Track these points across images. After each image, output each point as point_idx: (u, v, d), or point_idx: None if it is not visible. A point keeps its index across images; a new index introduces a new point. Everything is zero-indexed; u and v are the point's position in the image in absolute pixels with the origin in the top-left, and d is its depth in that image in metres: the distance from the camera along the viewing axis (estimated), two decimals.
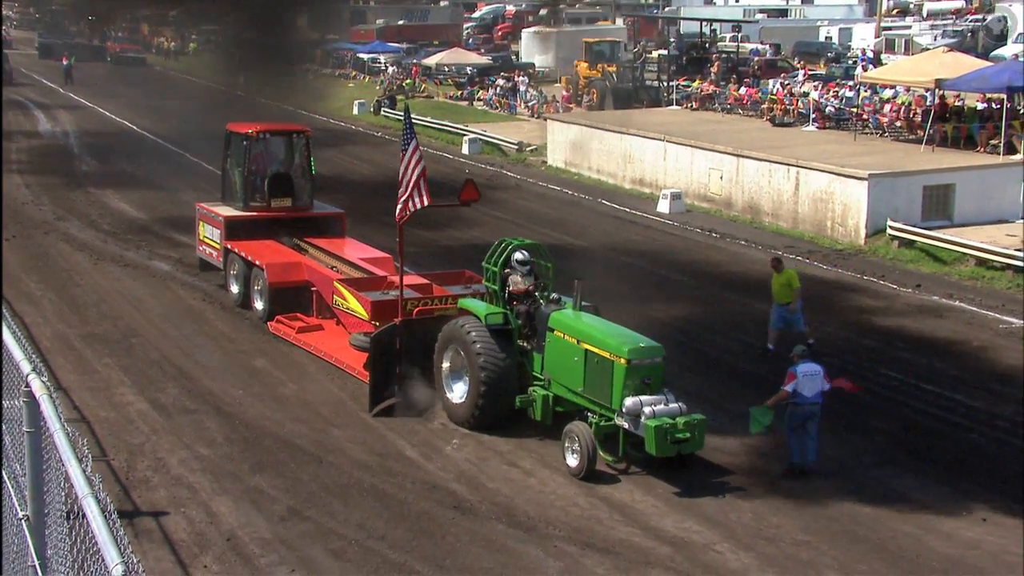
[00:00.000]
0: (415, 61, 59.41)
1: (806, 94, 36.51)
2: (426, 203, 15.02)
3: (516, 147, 38.63)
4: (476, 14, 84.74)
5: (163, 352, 17.66)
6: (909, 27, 62.54)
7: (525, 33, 65.09)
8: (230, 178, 21.50)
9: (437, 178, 32.12)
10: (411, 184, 15.04)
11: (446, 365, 14.94)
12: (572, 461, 13.31)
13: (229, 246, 20.16)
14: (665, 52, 49.30)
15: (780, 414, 13.68)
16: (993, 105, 29.82)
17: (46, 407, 5.97)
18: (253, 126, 21.46)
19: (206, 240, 21.26)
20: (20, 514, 6.37)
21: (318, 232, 20.71)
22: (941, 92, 30.30)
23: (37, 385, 6.13)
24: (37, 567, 6.02)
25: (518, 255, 14.84)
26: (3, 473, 7.15)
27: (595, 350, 13.47)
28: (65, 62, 60.07)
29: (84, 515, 5.10)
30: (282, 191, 21.11)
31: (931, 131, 29.04)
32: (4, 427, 7.35)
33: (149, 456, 13.73)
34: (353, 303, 16.91)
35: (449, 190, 20.01)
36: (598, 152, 34.32)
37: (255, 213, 20.75)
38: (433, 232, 24.72)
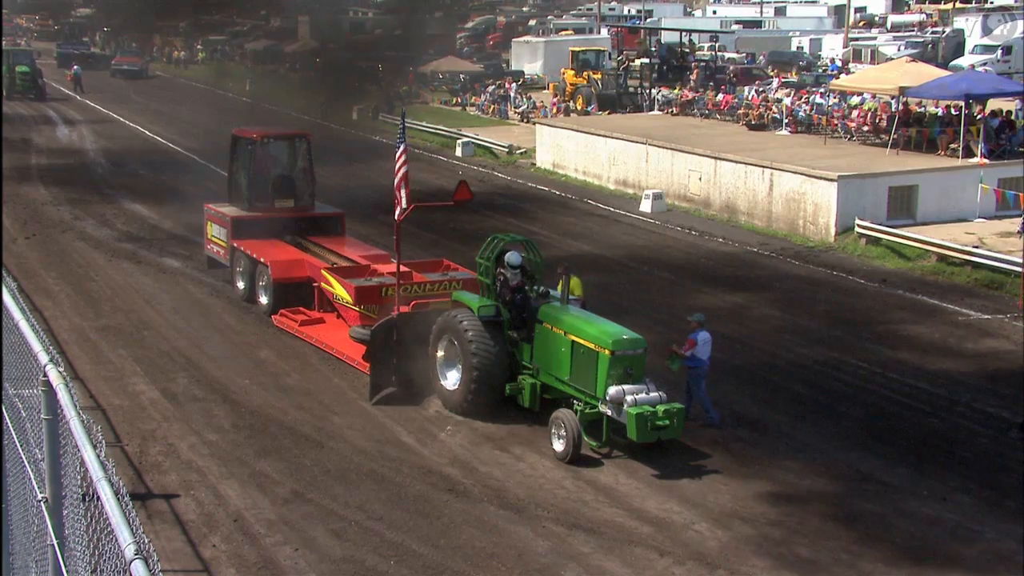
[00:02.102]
0: (411, 68, 59.28)
1: (779, 100, 36.54)
2: (404, 205, 15.13)
3: (507, 150, 38.59)
4: (469, 24, 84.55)
5: (173, 344, 17.62)
6: (875, 38, 62.62)
7: (515, 42, 65.04)
8: (236, 180, 21.46)
9: (433, 180, 32.10)
10: (399, 189, 15.20)
11: (440, 354, 14.94)
12: (559, 446, 13.32)
13: (235, 244, 20.11)
14: (647, 60, 49.28)
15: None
16: (952, 111, 29.90)
17: (63, 396, 5.95)
18: (258, 131, 21.42)
19: (214, 239, 21.20)
20: (39, 496, 6.36)
21: (319, 231, 20.67)
22: (905, 99, 30.36)
23: (54, 375, 6.11)
24: (55, 546, 6.00)
25: (512, 258, 14.80)
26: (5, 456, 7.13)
27: (581, 341, 13.49)
28: (75, 69, 59.78)
29: (99, 497, 5.09)
30: (285, 192, 21.07)
31: (896, 135, 29.10)
32: (24, 414, 7.33)
33: (160, 442, 13.71)
34: (339, 289, 17.15)
35: (445, 192, 19.96)
36: (584, 154, 34.32)
37: (260, 213, 20.70)
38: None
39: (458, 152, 39.23)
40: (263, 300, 19.27)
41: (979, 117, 28.99)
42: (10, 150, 36.79)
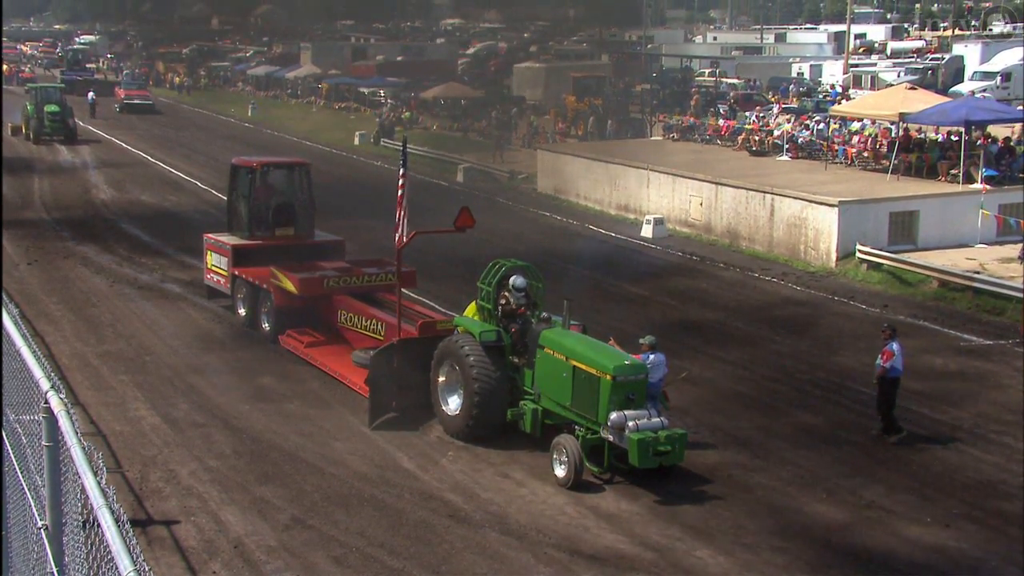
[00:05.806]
0: (413, 94, 59.57)
1: (780, 126, 36.64)
2: (405, 240, 15.33)
3: (508, 175, 38.67)
4: (470, 50, 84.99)
5: (175, 369, 17.62)
6: (875, 64, 62.87)
7: (517, 68, 65.35)
8: (236, 208, 21.49)
9: (434, 206, 32.13)
10: (400, 214, 15.32)
11: (442, 379, 14.94)
12: (560, 472, 13.29)
13: (236, 272, 20.15)
14: (648, 86, 49.53)
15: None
16: (952, 137, 29.99)
17: (64, 423, 5.95)
18: (257, 159, 21.50)
19: (214, 268, 21.22)
20: (39, 523, 6.34)
21: (319, 258, 20.68)
22: (905, 125, 30.46)
23: (55, 402, 6.12)
24: (55, 573, 5.99)
25: (518, 281, 14.82)
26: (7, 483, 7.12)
27: (583, 367, 13.48)
28: (90, 97, 60.11)
29: (99, 524, 5.08)
30: (285, 220, 21.11)
31: (896, 161, 29.19)
32: (25, 441, 7.33)
33: (161, 468, 13.68)
34: (285, 282, 18.42)
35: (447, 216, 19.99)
36: (585, 180, 34.41)
37: (260, 241, 20.73)
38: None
39: (459, 178, 39.32)
40: (265, 326, 19.30)
41: (979, 143, 29.07)
42: (11, 175, 36.90)
